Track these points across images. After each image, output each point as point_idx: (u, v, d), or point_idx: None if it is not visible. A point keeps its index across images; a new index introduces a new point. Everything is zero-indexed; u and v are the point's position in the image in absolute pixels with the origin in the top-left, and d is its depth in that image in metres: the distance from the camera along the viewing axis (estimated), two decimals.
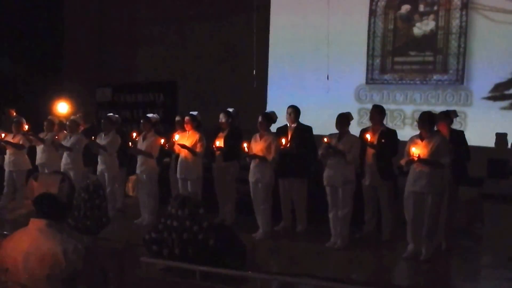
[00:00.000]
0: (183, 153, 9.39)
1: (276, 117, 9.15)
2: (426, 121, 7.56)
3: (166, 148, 9.64)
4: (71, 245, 3.12)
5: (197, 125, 9.53)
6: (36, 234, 3.17)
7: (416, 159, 7.39)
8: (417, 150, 7.43)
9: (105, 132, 10.25)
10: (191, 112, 9.82)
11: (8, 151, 11.00)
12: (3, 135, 10.81)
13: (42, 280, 3.08)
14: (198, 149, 9.33)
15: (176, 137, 9.44)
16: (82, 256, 3.11)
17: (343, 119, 8.27)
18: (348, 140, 8.18)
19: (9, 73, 13.43)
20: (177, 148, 9.43)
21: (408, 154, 7.56)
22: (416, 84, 11.02)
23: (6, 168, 11.04)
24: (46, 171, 10.65)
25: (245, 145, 8.73)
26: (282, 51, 12.39)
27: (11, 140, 10.89)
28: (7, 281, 3.14)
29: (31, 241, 3.15)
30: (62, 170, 10.09)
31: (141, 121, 10.37)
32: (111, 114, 10.81)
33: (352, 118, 8.49)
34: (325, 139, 8.34)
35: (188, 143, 9.34)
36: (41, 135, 10.90)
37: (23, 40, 13.71)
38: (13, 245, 3.20)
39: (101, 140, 10.14)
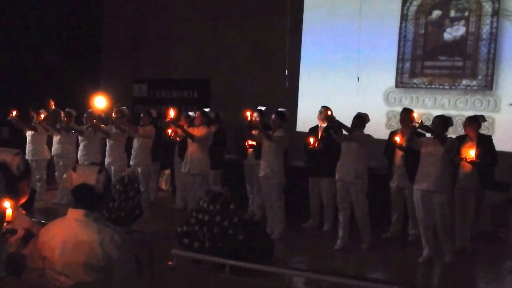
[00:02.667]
0: (191, 147, 9.45)
1: (290, 116, 9.30)
2: (438, 124, 7.58)
3: (170, 134, 9.75)
4: (107, 235, 3.19)
5: (207, 121, 9.61)
6: (73, 224, 3.24)
7: (418, 125, 7.46)
8: (418, 116, 7.59)
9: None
10: (203, 109, 10.03)
11: (28, 138, 11.13)
12: (14, 112, 10.90)
13: (79, 268, 3.16)
14: (197, 135, 9.35)
15: (171, 113, 9.41)
16: (117, 246, 3.18)
17: (360, 120, 8.36)
18: (358, 136, 8.23)
19: (50, 66, 13.76)
20: (179, 131, 9.57)
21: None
22: (445, 88, 11.00)
23: (27, 158, 11.14)
24: (61, 162, 10.94)
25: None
26: (314, 52, 12.45)
27: (31, 131, 11.08)
28: (44, 269, 3.22)
29: (69, 231, 3.22)
30: (79, 162, 10.36)
31: (141, 114, 10.59)
32: (124, 107, 10.99)
33: (368, 120, 8.49)
34: (328, 112, 8.51)
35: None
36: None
37: (64, 36, 14.03)
38: (51, 234, 3.26)
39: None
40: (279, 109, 9.08)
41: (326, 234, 9.16)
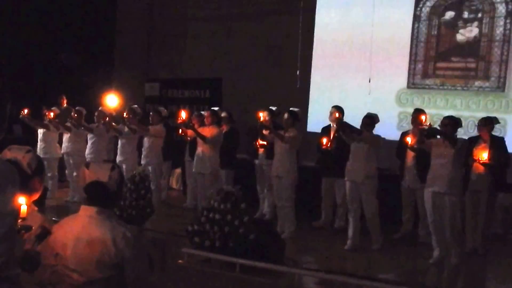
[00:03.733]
0: (201, 147, 9.48)
1: (302, 116, 9.31)
2: (448, 124, 7.52)
3: (181, 133, 9.83)
4: (120, 232, 3.20)
5: (217, 120, 9.66)
6: (86, 221, 3.26)
7: (428, 126, 7.43)
8: (428, 119, 7.51)
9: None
10: (212, 108, 10.05)
11: (39, 137, 11.20)
12: (25, 110, 10.96)
13: (91, 265, 3.18)
14: (209, 137, 9.36)
15: (183, 115, 9.52)
16: (130, 243, 3.19)
17: (369, 120, 8.33)
18: (368, 136, 8.22)
19: (64, 64, 13.84)
20: (189, 132, 9.63)
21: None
22: (457, 90, 10.93)
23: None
24: (71, 160, 11.04)
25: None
26: (325, 52, 12.43)
27: (43, 130, 11.14)
28: (57, 265, 3.25)
29: (81, 228, 3.24)
30: (86, 159, 10.42)
31: (151, 113, 10.68)
32: (136, 105, 11.08)
33: (378, 121, 8.48)
34: (336, 114, 8.51)
35: (205, 134, 9.42)
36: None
37: (78, 35, 14.10)
38: (63, 230, 3.29)
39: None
40: (291, 109, 9.09)
41: (337, 235, 9.16)
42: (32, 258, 2.99)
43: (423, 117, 7.73)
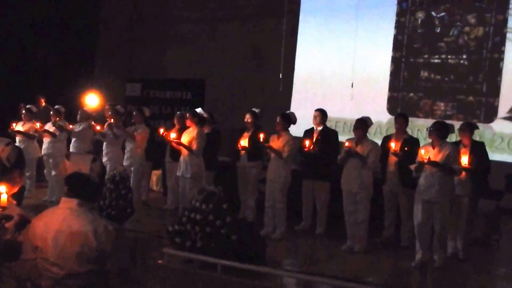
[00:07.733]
0: (183, 151, 9.39)
1: (296, 119, 9.20)
2: (437, 129, 7.54)
3: (162, 134, 9.72)
4: (101, 225, 3.17)
5: (198, 121, 9.52)
6: (67, 213, 3.22)
7: (426, 161, 7.36)
8: (426, 153, 7.43)
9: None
10: (195, 109, 9.96)
11: (17, 138, 10.99)
12: (14, 124, 10.86)
13: (72, 258, 3.14)
14: (194, 146, 9.24)
15: (173, 135, 9.47)
16: (111, 237, 3.16)
17: (362, 124, 8.34)
18: (366, 145, 8.21)
19: (44, 62, 13.69)
20: (174, 144, 9.54)
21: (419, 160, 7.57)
22: (440, 96, 10.96)
23: None
24: (50, 160, 10.94)
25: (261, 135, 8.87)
26: (309, 56, 12.44)
27: (22, 128, 10.98)
28: (36, 258, 3.20)
29: (62, 220, 3.20)
30: None
31: (134, 112, 10.64)
32: (119, 106, 11.02)
33: (371, 123, 8.54)
34: (347, 143, 8.46)
35: (187, 139, 9.32)
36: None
37: (59, 32, 13.97)
38: (43, 223, 3.25)
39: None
40: (283, 112, 9.18)
41: (319, 237, 9.13)
42: (12, 247, 2.92)
43: (422, 151, 7.59)
